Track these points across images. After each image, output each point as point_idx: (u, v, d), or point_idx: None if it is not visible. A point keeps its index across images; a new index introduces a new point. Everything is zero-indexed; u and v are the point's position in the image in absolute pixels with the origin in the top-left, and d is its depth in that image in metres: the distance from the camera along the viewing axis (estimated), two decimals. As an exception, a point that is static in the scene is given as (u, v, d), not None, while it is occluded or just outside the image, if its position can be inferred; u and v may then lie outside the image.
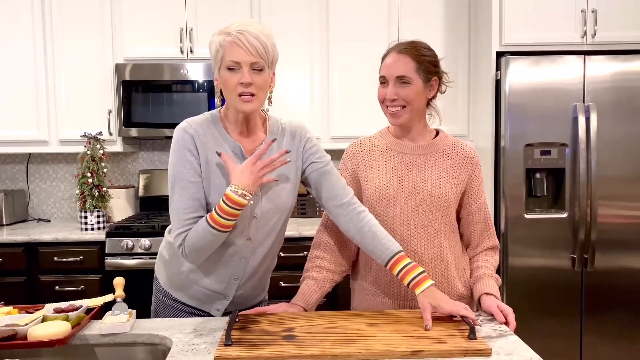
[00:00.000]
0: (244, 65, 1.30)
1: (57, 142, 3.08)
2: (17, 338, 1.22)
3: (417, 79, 1.45)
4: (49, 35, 3.03)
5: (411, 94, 1.46)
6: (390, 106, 1.48)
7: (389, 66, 1.47)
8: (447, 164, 1.53)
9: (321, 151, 1.48)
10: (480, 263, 1.55)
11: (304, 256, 2.77)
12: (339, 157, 3.51)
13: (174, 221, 1.35)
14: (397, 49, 1.47)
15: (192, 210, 1.34)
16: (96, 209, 2.92)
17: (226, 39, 1.30)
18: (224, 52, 1.30)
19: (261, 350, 1.16)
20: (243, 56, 1.29)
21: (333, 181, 1.45)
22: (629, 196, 2.68)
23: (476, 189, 1.55)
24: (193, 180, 1.35)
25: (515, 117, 2.67)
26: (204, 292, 1.48)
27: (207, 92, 3.00)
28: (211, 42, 1.34)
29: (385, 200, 1.51)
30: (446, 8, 3.13)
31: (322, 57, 3.12)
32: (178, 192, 1.34)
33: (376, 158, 1.55)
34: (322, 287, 1.51)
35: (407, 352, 1.15)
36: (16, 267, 2.74)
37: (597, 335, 2.72)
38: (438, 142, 1.55)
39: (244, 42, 1.29)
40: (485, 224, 1.57)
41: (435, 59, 1.50)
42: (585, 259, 2.66)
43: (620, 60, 2.66)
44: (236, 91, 1.31)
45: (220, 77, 1.34)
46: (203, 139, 1.37)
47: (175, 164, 1.36)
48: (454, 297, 1.55)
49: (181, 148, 1.35)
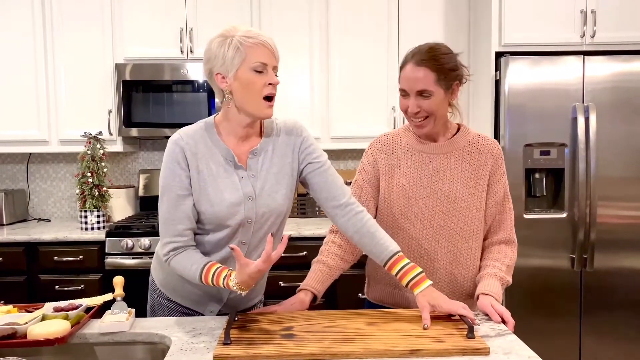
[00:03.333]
0: (269, 67, 1.31)
1: (58, 142, 3.09)
2: (17, 337, 1.22)
3: (439, 89, 1.43)
4: (49, 35, 3.03)
5: (433, 106, 1.44)
6: (414, 118, 1.48)
7: (409, 80, 1.44)
8: (467, 162, 1.52)
9: (318, 150, 1.46)
10: (488, 262, 1.53)
11: (304, 256, 2.79)
12: (339, 157, 3.51)
13: (162, 230, 1.37)
14: (415, 60, 1.44)
15: (178, 222, 1.34)
16: (96, 209, 2.92)
17: (248, 40, 1.28)
18: (246, 53, 1.28)
19: (260, 349, 1.16)
20: (270, 59, 1.31)
21: (331, 181, 1.43)
22: (628, 196, 2.69)
23: (495, 182, 1.53)
24: (180, 194, 1.35)
25: (514, 117, 2.67)
26: (198, 293, 1.49)
27: (207, 92, 3.00)
28: (221, 44, 1.30)
29: (404, 200, 1.52)
30: (446, 8, 3.13)
31: (322, 57, 3.12)
32: (166, 203, 1.35)
33: (397, 157, 1.56)
34: (332, 276, 1.54)
35: (405, 351, 1.15)
36: (16, 267, 2.74)
37: (596, 335, 2.72)
38: (458, 139, 1.54)
39: (272, 45, 1.32)
40: (501, 217, 1.55)
41: (455, 62, 1.47)
42: (585, 259, 2.67)
43: (620, 61, 2.66)
44: (263, 92, 1.31)
45: (239, 78, 1.30)
46: (194, 150, 1.36)
47: (165, 177, 1.36)
48: (463, 298, 1.55)
49: (171, 161, 1.35)
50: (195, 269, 1.30)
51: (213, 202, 1.35)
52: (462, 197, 1.50)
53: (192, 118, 2.97)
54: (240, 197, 1.37)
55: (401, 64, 1.49)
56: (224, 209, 1.35)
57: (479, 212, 1.53)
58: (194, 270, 1.31)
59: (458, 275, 1.54)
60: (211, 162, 1.36)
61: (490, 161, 1.53)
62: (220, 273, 1.27)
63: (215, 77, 1.32)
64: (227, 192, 1.36)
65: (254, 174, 1.39)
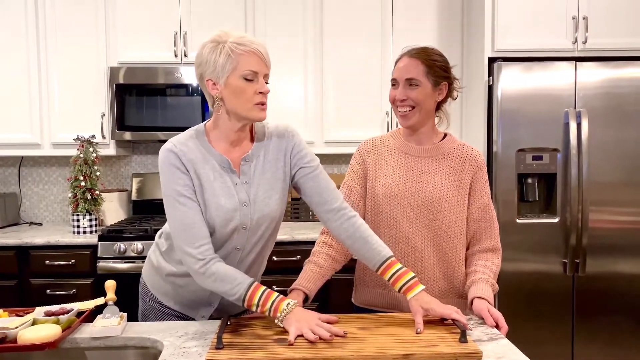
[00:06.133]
0: (260, 76, 1.31)
1: (50, 145, 3.07)
2: (7, 341, 1.21)
3: (427, 82, 1.51)
4: (42, 38, 3.02)
5: (420, 96, 1.51)
6: (400, 106, 1.54)
7: (400, 69, 1.54)
8: (451, 166, 1.58)
9: (310, 155, 1.45)
10: (478, 267, 1.56)
11: (297, 260, 2.78)
12: (332, 162, 3.52)
13: (183, 238, 1.31)
14: (409, 54, 1.54)
15: (200, 225, 1.31)
16: (88, 213, 2.90)
17: (239, 47, 1.27)
18: (237, 61, 1.28)
19: (253, 353, 1.15)
20: (261, 67, 1.31)
21: (323, 186, 1.43)
22: (619, 201, 2.71)
23: (478, 190, 1.59)
24: (190, 197, 1.32)
25: (507, 122, 2.69)
26: (190, 298, 1.48)
27: (200, 96, 3.00)
28: (212, 49, 1.29)
29: (390, 198, 1.57)
30: (439, 14, 3.15)
31: (316, 61, 3.13)
32: (180, 209, 1.31)
33: (385, 158, 1.62)
34: (324, 276, 1.56)
35: (398, 355, 1.15)
36: (7, 271, 2.72)
37: (588, 339, 2.73)
38: (444, 145, 1.61)
39: (263, 53, 1.31)
40: (486, 225, 1.60)
41: (446, 64, 1.56)
42: (577, 263, 2.68)
43: (611, 67, 2.69)
44: (253, 100, 1.30)
45: (230, 86, 1.29)
46: (189, 156, 1.34)
47: (167, 183, 1.33)
48: (452, 296, 1.59)
49: (169, 167, 1.33)
50: (236, 291, 1.28)
51: (209, 209, 1.34)
52: (446, 198, 1.55)
53: (185, 122, 2.98)
54: (235, 204, 1.36)
55: (396, 60, 1.58)
56: (220, 214, 1.34)
57: (461, 214, 1.58)
58: (234, 290, 1.28)
59: (445, 273, 1.59)
60: (207, 168, 1.35)
61: (472, 168, 1.59)
62: (263, 305, 1.28)
63: (206, 82, 1.32)
64: (223, 198, 1.35)
65: (247, 180, 1.39)
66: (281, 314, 1.27)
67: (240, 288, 1.28)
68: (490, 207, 1.61)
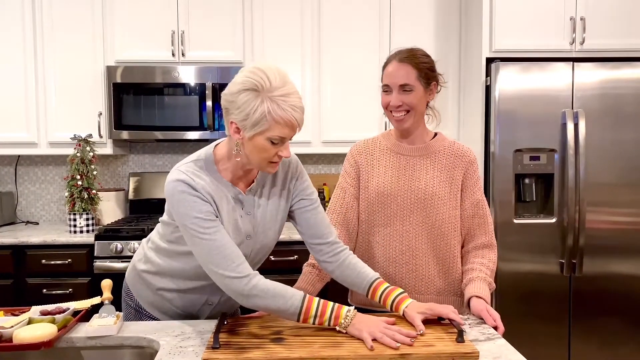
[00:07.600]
0: (287, 140, 1.26)
1: (47, 144, 3.06)
2: (2, 340, 1.21)
3: (419, 85, 1.53)
4: (39, 36, 3.01)
5: (414, 100, 1.54)
6: (395, 112, 1.55)
7: (392, 75, 1.54)
8: (442, 163, 1.60)
9: (311, 187, 1.47)
10: (474, 265, 1.56)
11: (295, 260, 2.78)
12: (330, 161, 3.51)
13: (219, 263, 1.23)
14: (398, 58, 1.55)
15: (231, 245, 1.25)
16: (85, 212, 2.90)
17: (278, 113, 1.19)
18: (271, 124, 1.20)
19: (249, 353, 1.15)
20: (292, 133, 1.25)
21: (320, 219, 1.44)
22: (616, 202, 2.71)
23: (470, 186, 1.60)
24: (213, 219, 1.25)
25: (504, 122, 2.69)
26: (177, 312, 1.47)
27: (198, 95, 2.99)
28: (249, 99, 1.20)
29: (383, 197, 1.59)
30: (437, 14, 3.15)
31: (313, 61, 3.13)
32: (205, 237, 1.24)
33: (377, 158, 1.64)
34: (323, 278, 1.59)
35: (395, 355, 1.15)
36: (3, 270, 2.71)
37: (585, 340, 2.73)
38: (435, 143, 1.62)
39: (299, 121, 1.23)
40: (480, 221, 1.61)
41: (432, 64, 1.58)
42: (574, 264, 2.68)
43: (608, 68, 2.69)
44: (271, 159, 1.27)
45: (254, 141, 1.23)
46: (207, 189, 1.28)
47: (187, 213, 1.24)
48: (447, 293, 1.61)
49: (186, 196, 1.24)
50: (291, 304, 1.25)
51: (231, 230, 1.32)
52: (439, 195, 1.57)
53: (183, 121, 2.98)
54: (242, 238, 1.36)
55: (384, 64, 1.60)
56: None
57: (455, 211, 1.59)
58: (289, 306, 1.25)
59: (441, 271, 1.60)
60: (223, 202, 1.32)
61: (464, 164, 1.60)
62: (326, 307, 1.27)
63: (230, 124, 1.26)
64: (232, 232, 1.32)
65: (249, 211, 1.38)
66: (344, 321, 1.26)
67: (295, 301, 1.25)
68: (483, 203, 1.61)
